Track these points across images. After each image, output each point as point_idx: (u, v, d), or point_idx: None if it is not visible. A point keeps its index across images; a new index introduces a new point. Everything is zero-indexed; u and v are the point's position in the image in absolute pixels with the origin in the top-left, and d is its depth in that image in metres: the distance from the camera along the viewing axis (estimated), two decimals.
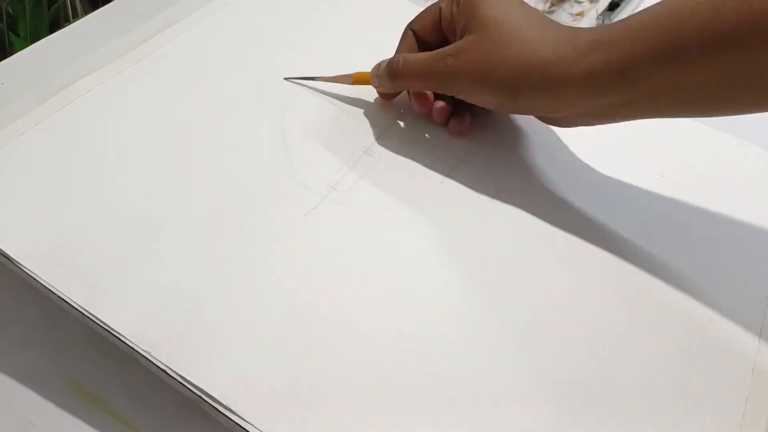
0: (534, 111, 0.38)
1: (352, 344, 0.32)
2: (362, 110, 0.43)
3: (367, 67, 0.42)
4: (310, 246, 0.36)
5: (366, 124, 0.42)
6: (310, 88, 0.44)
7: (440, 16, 0.40)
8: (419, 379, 0.31)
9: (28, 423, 0.32)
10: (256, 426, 0.29)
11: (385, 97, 0.43)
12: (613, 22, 0.35)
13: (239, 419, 0.29)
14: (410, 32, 0.42)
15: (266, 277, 0.34)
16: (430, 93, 0.41)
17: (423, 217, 0.38)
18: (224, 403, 0.29)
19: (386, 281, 0.35)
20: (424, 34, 0.42)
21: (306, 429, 0.29)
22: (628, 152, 0.42)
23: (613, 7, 0.57)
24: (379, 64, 0.41)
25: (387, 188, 0.39)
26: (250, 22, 0.48)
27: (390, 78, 0.40)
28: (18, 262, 0.33)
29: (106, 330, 0.31)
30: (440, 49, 0.38)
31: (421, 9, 0.51)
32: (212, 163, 0.39)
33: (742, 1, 0.29)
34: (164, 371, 0.30)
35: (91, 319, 0.31)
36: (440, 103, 0.41)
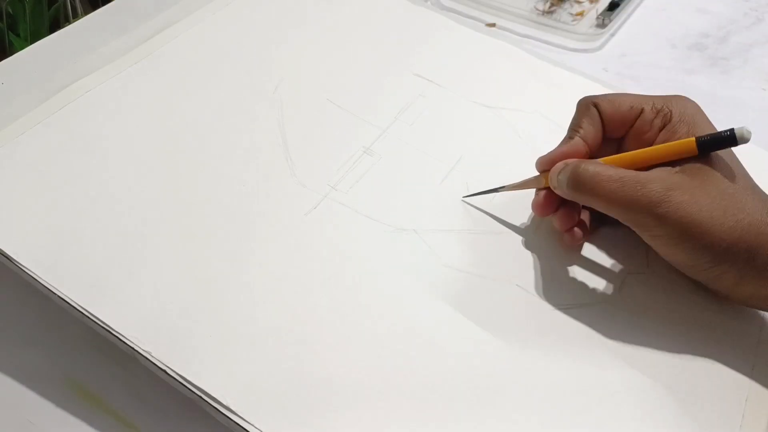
0: (718, 283, 0.33)
1: (351, 344, 0.32)
2: (363, 110, 0.43)
3: (368, 65, 0.42)
4: (310, 246, 0.36)
5: (366, 124, 0.42)
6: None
7: (638, 116, 0.35)
8: (419, 379, 0.31)
9: (28, 423, 0.32)
10: (256, 426, 0.29)
11: (542, 209, 0.36)
12: None
13: (239, 419, 0.29)
14: (594, 108, 0.35)
15: (266, 276, 0.34)
16: (576, 213, 0.36)
17: (423, 216, 0.38)
18: (224, 403, 0.30)
19: (386, 281, 0.35)
20: (609, 121, 0.35)
21: (306, 429, 0.29)
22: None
23: (612, 7, 0.57)
24: (565, 163, 0.34)
25: (387, 188, 0.39)
26: (250, 22, 0.48)
27: (570, 187, 0.33)
28: (18, 262, 0.33)
29: (106, 330, 0.31)
30: (645, 174, 0.31)
31: (421, 9, 0.51)
32: (212, 163, 0.39)
33: None
34: (164, 371, 0.30)
35: (91, 318, 0.32)
36: (579, 233, 0.36)
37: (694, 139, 0.32)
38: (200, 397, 0.30)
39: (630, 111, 0.35)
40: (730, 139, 0.32)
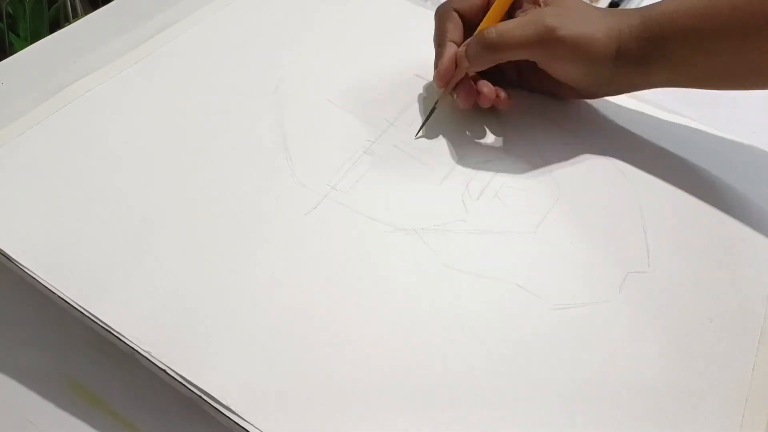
0: (600, 84, 0.40)
1: (351, 344, 0.32)
2: (362, 110, 0.43)
3: (368, 65, 0.42)
4: (310, 246, 0.36)
5: (366, 123, 0.42)
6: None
7: None
8: (419, 379, 0.31)
9: (28, 423, 0.32)
10: (256, 426, 0.29)
11: (466, 101, 0.42)
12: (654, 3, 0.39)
13: (239, 419, 0.29)
14: (454, 12, 0.42)
15: (266, 276, 0.34)
16: (473, 84, 0.41)
17: (423, 216, 0.38)
18: (224, 403, 0.30)
19: (386, 281, 0.35)
20: (469, 14, 0.42)
21: (306, 429, 0.29)
22: (630, 154, 0.42)
23: (612, 7, 0.57)
24: (465, 46, 0.40)
25: (387, 188, 0.39)
26: (250, 22, 0.48)
27: (486, 51, 0.39)
28: (18, 262, 0.33)
29: (106, 330, 0.31)
30: (533, 14, 0.39)
31: (421, 9, 0.51)
32: (212, 163, 0.39)
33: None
34: (164, 371, 0.30)
35: (91, 319, 0.32)
36: (488, 87, 0.41)
37: None
38: (200, 397, 0.30)
39: None
40: None
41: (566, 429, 0.30)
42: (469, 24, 0.42)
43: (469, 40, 0.40)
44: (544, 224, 0.38)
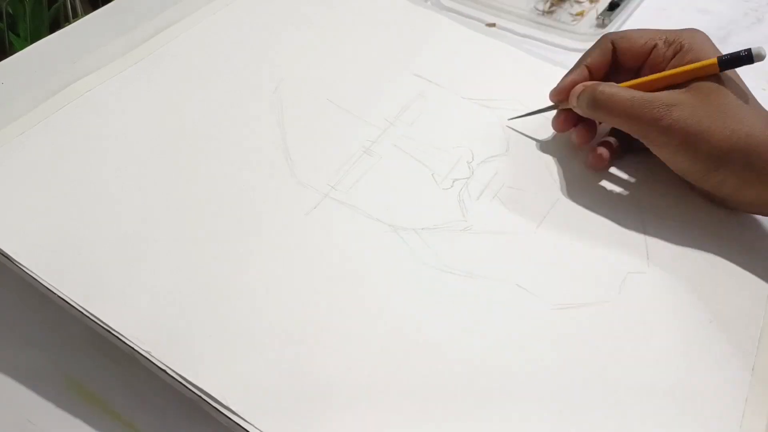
0: (722, 189, 0.37)
1: (351, 344, 0.32)
2: (363, 110, 0.43)
3: (368, 65, 0.42)
4: (310, 246, 0.36)
5: (366, 124, 0.42)
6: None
7: (651, 51, 0.39)
8: (419, 379, 0.31)
9: (28, 423, 0.32)
10: (256, 426, 0.29)
11: (561, 125, 0.41)
12: None
13: (239, 419, 0.29)
14: (609, 43, 0.40)
15: (266, 276, 0.34)
16: (592, 131, 0.40)
17: (423, 216, 0.38)
18: (224, 403, 0.30)
19: (386, 280, 0.35)
20: (624, 54, 0.40)
21: (306, 429, 0.29)
22: (628, 154, 0.42)
23: (613, 7, 0.57)
24: (583, 86, 0.39)
25: (387, 188, 0.39)
26: (250, 22, 0.48)
27: (588, 107, 0.38)
28: (18, 262, 0.33)
29: (106, 330, 0.31)
30: (653, 94, 0.36)
31: (421, 9, 0.51)
32: (212, 163, 0.39)
33: None
34: (164, 371, 0.30)
35: (91, 318, 0.32)
36: (604, 150, 0.40)
37: (716, 59, 0.36)
38: (200, 397, 0.30)
39: (644, 46, 0.39)
40: (747, 57, 0.36)
41: (566, 429, 0.31)
42: (623, 65, 0.40)
43: (584, 85, 0.39)
44: (544, 224, 0.38)
